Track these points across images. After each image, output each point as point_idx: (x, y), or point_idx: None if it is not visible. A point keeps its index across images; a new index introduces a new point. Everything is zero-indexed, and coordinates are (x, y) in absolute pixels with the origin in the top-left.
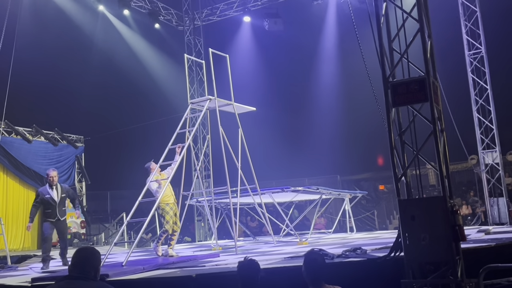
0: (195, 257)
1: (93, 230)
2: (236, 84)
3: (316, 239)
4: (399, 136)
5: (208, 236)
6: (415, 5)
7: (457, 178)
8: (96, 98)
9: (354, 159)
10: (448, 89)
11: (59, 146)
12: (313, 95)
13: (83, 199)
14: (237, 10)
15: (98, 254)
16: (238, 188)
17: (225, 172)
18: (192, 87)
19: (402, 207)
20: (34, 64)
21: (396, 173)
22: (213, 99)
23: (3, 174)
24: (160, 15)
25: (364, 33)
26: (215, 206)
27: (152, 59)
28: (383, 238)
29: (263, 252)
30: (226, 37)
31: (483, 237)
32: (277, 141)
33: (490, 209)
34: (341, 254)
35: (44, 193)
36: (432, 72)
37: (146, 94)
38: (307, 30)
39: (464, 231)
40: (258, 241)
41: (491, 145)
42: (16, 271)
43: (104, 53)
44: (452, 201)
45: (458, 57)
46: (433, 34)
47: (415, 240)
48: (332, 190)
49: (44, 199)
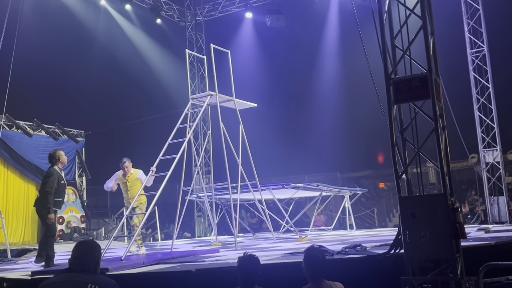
0: (195, 252)
1: (93, 224)
2: (237, 80)
3: (316, 236)
4: (400, 133)
5: (208, 231)
6: (418, 2)
7: (458, 177)
8: (97, 92)
9: (354, 156)
10: (450, 87)
11: (60, 141)
12: (314, 91)
13: (83, 193)
14: (239, 6)
15: (99, 248)
16: (239, 184)
17: (226, 168)
18: (193, 83)
19: (403, 204)
20: (35, 59)
21: (397, 170)
22: (214, 94)
23: (3, 168)
24: (162, 10)
25: (366, 29)
26: (215, 202)
27: (153, 54)
28: (383, 236)
29: (263, 248)
30: (227, 33)
31: (483, 236)
32: (277, 138)
33: (490, 208)
34: (341, 250)
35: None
36: (434, 70)
37: (147, 89)
38: (309, 27)
39: (465, 229)
40: (257, 237)
41: (492, 143)
42: (16, 265)
43: (105, 47)
44: (453, 198)
45: (460, 55)
46: (435, 32)
47: (415, 237)
48: (332, 187)
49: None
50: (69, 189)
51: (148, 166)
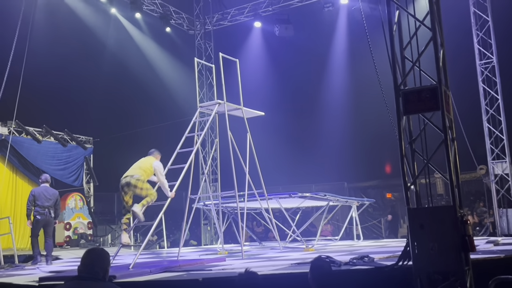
0: (201, 261)
1: (100, 231)
2: (246, 88)
3: (323, 246)
4: (409, 144)
5: (214, 240)
6: (428, 13)
7: (466, 188)
8: (106, 100)
9: (361, 166)
10: (459, 98)
11: (68, 147)
12: (322, 101)
13: (91, 200)
14: (248, 16)
15: (108, 256)
16: (246, 192)
17: (233, 176)
18: (202, 91)
19: (412, 216)
20: (45, 66)
21: (406, 181)
22: (222, 103)
23: (12, 173)
24: (172, 19)
25: (375, 39)
26: (222, 210)
27: (162, 63)
28: (391, 247)
29: (270, 258)
30: (236, 42)
31: (492, 248)
32: (285, 147)
33: (499, 220)
34: (349, 261)
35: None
36: (444, 81)
37: (155, 97)
38: (317, 36)
39: (474, 241)
40: (264, 246)
41: (501, 155)
42: (24, 270)
43: (115, 55)
44: (462, 211)
45: (469, 66)
46: (445, 43)
47: (424, 249)
48: (340, 197)
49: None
50: (77, 195)
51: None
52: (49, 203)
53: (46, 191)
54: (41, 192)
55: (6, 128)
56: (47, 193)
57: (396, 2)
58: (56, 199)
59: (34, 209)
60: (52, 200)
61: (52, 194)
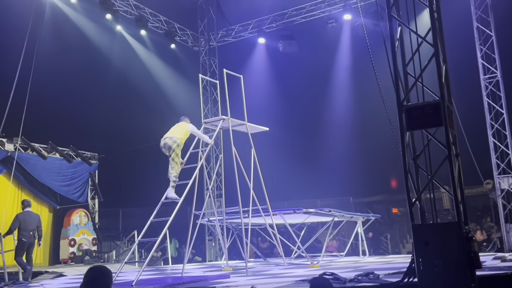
0: (205, 278)
1: (104, 247)
2: (250, 104)
3: (328, 262)
4: (413, 160)
5: (219, 256)
6: (430, 29)
7: (472, 203)
8: (111, 116)
9: (367, 181)
10: (464, 113)
11: (74, 163)
12: (327, 116)
13: (96, 216)
14: (252, 32)
15: (110, 274)
16: (250, 208)
17: (237, 192)
18: (206, 107)
19: (416, 232)
20: (51, 82)
21: (410, 197)
22: (227, 119)
23: (17, 189)
24: (176, 36)
25: (378, 55)
26: (226, 226)
27: (167, 79)
28: (397, 263)
29: (274, 274)
30: (240, 58)
31: (499, 264)
32: (289, 162)
33: (506, 236)
34: (354, 278)
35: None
36: (447, 97)
37: (160, 113)
38: (321, 52)
39: (480, 258)
40: (268, 262)
41: (507, 170)
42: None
43: (120, 72)
44: (468, 227)
45: (473, 81)
46: (447, 58)
47: (429, 266)
48: (345, 213)
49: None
50: (82, 211)
51: (162, 188)
52: (33, 226)
53: (29, 215)
54: (25, 217)
55: (12, 145)
56: (31, 217)
57: (398, 19)
58: (38, 222)
59: (19, 232)
60: (35, 224)
61: (34, 217)
